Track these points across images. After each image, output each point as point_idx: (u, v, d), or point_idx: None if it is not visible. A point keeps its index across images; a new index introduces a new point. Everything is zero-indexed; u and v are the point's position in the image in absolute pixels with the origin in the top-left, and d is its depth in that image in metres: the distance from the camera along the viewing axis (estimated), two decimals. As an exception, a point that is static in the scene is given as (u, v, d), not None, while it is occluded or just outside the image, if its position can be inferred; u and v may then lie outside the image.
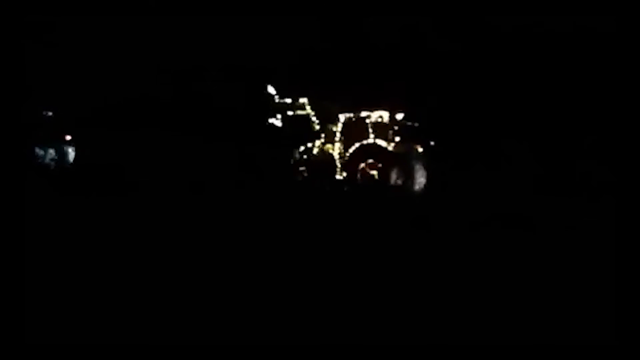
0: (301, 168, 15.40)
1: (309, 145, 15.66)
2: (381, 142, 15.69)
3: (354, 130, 15.92)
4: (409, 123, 15.36)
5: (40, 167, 14.08)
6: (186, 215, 10.38)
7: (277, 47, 13.09)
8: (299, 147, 15.47)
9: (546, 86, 12.65)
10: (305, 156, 15.56)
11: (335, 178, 15.60)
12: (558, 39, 12.00)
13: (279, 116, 15.25)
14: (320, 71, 14.25)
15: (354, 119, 15.99)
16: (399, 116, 15.59)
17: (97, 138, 13.71)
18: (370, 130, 15.79)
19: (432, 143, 14.86)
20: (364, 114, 15.93)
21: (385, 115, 15.71)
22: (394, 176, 14.99)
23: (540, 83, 12.70)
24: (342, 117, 16.06)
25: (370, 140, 15.78)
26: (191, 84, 14.27)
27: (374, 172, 15.58)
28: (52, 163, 14.21)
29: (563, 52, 12.18)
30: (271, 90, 14.87)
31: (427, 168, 14.34)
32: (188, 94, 14.27)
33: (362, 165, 15.69)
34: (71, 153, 14.15)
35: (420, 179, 14.45)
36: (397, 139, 15.46)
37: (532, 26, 11.94)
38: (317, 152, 15.78)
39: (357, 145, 15.83)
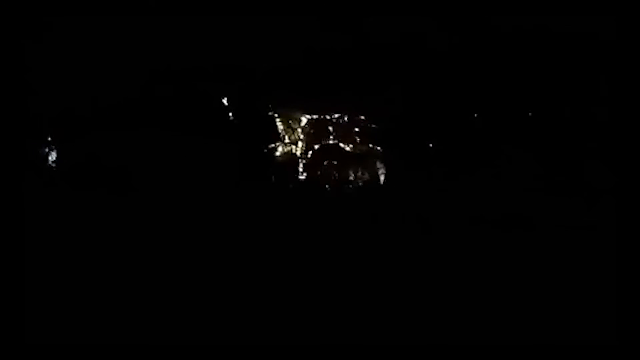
0: (265, 169, 15.29)
1: (272, 146, 15.51)
2: (344, 144, 15.49)
3: (317, 132, 15.70)
4: (377, 125, 15.16)
5: (39, 167, 14.07)
6: (181, 214, 10.33)
7: (263, 47, 13.10)
8: (263, 148, 15.34)
9: (544, 87, 12.68)
10: (268, 157, 15.44)
11: (298, 179, 15.43)
12: (557, 39, 12.03)
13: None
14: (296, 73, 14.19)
15: (318, 121, 15.76)
16: (363, 117, 15.37)
17: (95, 138, 13.72)
18: (335, 131, 15.60)
19: (429, 145, 14.75)
20: (328, 115, 15.66)
21: (348, 117, 15.48)
22: (359, 178, 14.86)
23: (539, 83, 12.72)
24: (305, 119, 15.83)
25: (334, 142, 15.58)
26: (190, 84, 14.29)
27: (337, 174, 15.40)
28: (51, 163, 14.21)
29: (562, 52, 12.21)
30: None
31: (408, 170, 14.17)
32: (186, 93, 14.27)
33: (325, 166, 15.48)
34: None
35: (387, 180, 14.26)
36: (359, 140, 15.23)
37: (529, 27, 11.97)
38: (280, 154, 15.63)
39: (318, 146, 15.62)
